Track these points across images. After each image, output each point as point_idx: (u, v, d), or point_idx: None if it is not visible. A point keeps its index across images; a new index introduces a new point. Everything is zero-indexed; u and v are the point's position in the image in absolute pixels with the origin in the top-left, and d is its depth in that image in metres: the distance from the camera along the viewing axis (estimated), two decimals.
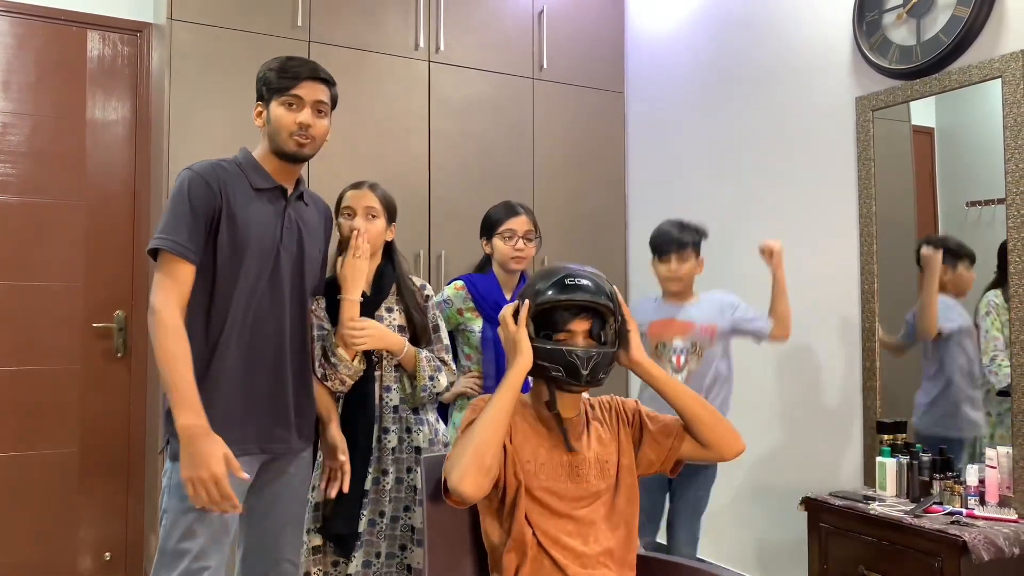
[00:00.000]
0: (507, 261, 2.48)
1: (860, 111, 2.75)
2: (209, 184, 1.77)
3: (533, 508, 1.62)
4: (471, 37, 3.47)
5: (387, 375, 2.17)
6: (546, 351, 1.61)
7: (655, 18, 3.75)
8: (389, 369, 2.17)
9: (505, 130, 3.54)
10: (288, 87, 1.82)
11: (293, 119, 1.82)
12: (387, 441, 2.14)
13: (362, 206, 2.16)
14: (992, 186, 2.35)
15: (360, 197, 2.18)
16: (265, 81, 1.85)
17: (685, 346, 2.56)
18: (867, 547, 2.28)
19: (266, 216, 1.84)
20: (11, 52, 3.07)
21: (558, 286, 1.63)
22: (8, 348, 3.03)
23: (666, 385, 1.71)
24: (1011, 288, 2.29)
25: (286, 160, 1.86)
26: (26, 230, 3.07)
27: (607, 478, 1.68)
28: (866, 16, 2.72)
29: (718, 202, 3.36)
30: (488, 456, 1.55)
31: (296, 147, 1.83)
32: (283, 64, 1.85)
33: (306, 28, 3.11)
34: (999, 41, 2.36)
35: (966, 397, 2.46)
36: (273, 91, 1.83)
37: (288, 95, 1.82)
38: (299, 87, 1.82)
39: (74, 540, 3.11)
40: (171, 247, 1.71)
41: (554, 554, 1.59)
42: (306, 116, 1.82)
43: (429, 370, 2.14)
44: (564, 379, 1.61)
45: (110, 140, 3.23)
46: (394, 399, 2.17)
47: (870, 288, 2.71)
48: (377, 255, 2.21)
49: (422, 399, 2.15)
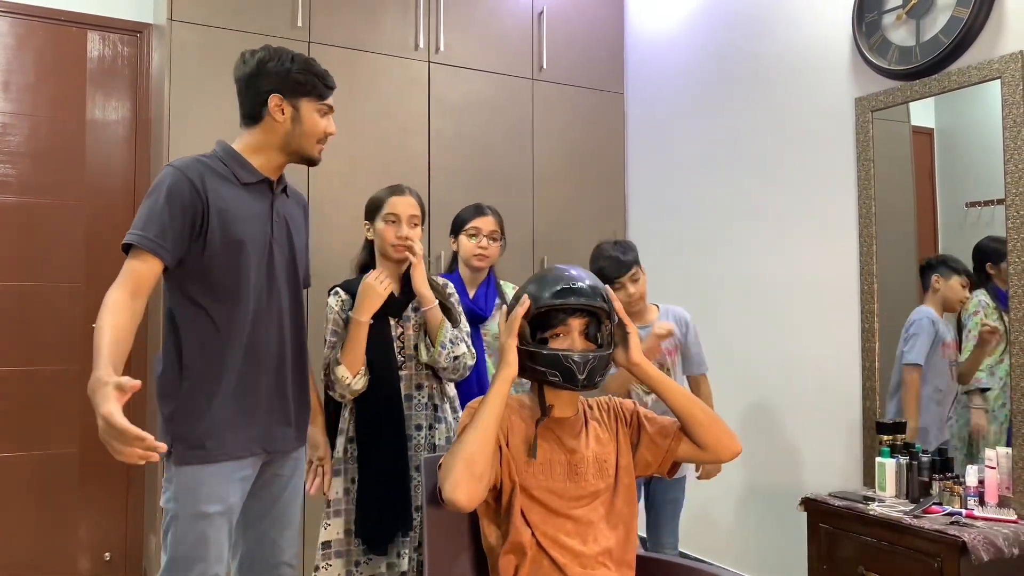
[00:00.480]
0: (470, 258, 2.53)
1: (859, 112, 2.75)
2: (192, 182, 1.71)
3: (532, 508, 1.62)
4: (471, 37, 3.47)
5: (417, 374, 2.22)
6: (543, 356, 1.61)
7: (655, 19, 3.76)
8: (420, 368, 2.21)
9: (505, 130, 3.54)
10: (324, 95, 1.83)
11: (325, 128, 1.84)
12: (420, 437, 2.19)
13: (407, 215, 2.20)
14: (991, 186, 2.35)
15: (406, 205, 2.21)
16: (298, 80, 1.80)
17: None
18: (866, 547, 2.29)
19: (255, 211, 1.80)
20: (11, 52, 3.07)
21: (555, 290, 1.64)
22: (8, 348, 3.03)
23: (664, 387, 1.71)
24: (1011, 288, 2.29)
25: (300, 162, 1.87)
26: (26, 230, 3.07)
27: (606, 478, 1.69)
28: (865, 17, 2.72)
29: (717, 202, 3.36)
30: (479, 465, 1.55)
31: (319, 154, 1.87)
32: (312, 68, 1.83)
33: (306, 28, 3.11)
34: (998, 42, 2.36)
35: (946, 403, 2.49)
36: (308, 92, 1.81)
37: (324, 104, 1.84)
38: (330, 96, 1.85)
39: (74, 540, 3.11)
40: (139, 241, 1.65)
41: (553, 554, 1.59)
42: (334, 127, 1.87)
43: (450, 335, 2.17)
44: (561, 383, 1.61)
45: (110, 140, 3.23)
46: (425, 395, 2.21)
47: (869, 288, 2.71)
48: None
49: (440, 355, 2.15)
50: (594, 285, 1.66)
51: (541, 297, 1.64)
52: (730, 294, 3.25)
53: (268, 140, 1.82)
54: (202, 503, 1.69)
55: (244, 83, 1.82)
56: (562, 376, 1.61)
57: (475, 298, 2.56)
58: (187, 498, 1.68)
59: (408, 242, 2.17)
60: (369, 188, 3.21)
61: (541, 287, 1.66)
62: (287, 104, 1.80)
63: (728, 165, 3.33)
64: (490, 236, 2.55)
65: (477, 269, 2.56)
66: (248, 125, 1.84)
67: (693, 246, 3.47)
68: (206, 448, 1.70)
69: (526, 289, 1.69)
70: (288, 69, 1.79)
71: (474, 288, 2.58)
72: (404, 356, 2.21)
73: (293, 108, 1.81)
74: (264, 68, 1.80)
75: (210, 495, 1.70)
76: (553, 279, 1.66)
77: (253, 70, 1.80)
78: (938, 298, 2.51)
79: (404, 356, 2.21)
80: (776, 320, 3.05)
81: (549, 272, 1.70)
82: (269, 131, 1.82)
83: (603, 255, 2.53)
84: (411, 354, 2.21)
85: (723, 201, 3.34)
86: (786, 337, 3.01)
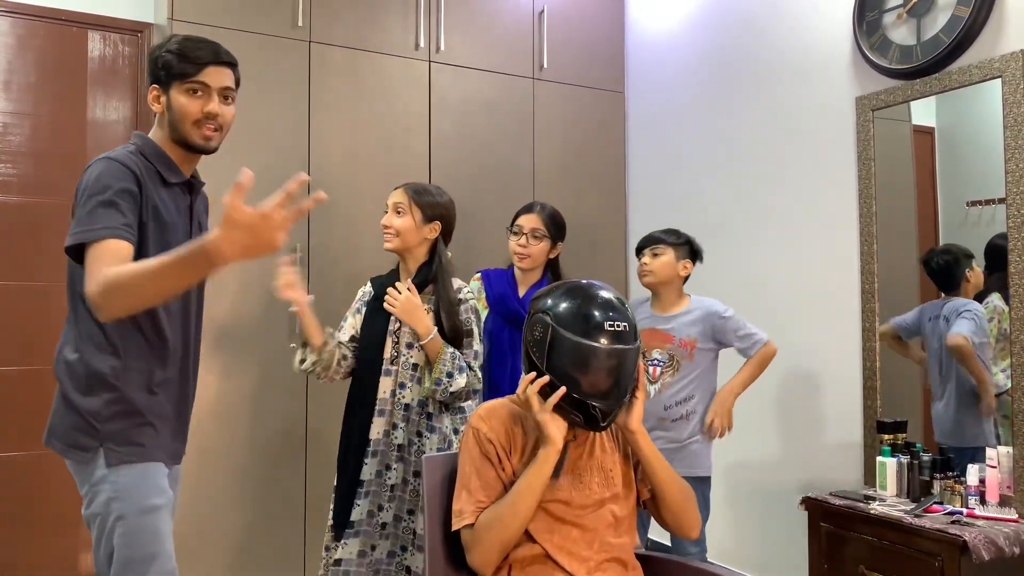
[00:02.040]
0: (512, 257, 2.53)
1: (860, 111, 2.74)
2: (135, 175, 1.61)
3: (538, 517, 1.60)
4: (471, 37, 3.47)
5: (403, 372, 2.22)
6: (569, 398, 1.55)
7: (655, 18, 3.75)
8: (407, 367, 2.21)
9: (505, 130, 3.54)
10: (191, 73, 1.67)
11: (200, 107, 1.68)
12: (393, 437, 2.18)
13: (391, 203, 2.28)
14: (992, 186, 2.35)
15: (393, 195, 2.31)
16: (164, 64, 1.68)
17: (662, 358, 2.58)
18: (867, 547, 2.28)
19: (178, 214, 1.72)
20: (12, 52, 3.07)
21: (597, 328, 1.53)
22: (9, 348, 3.03)
23: (651, 460, 1.66)
24: (1011, 288, 2.28)
25: (190, 151, 1.73)
26: (27, 230, 3.07)
27: (611, 487, 1.67)
28: (866, 16, 2.72)
29: (718, 202, 3.36)
30: (513, 542, 1.57)
31: (203, 140, 1.71)
32: (183, 47, 1.69)
33: (306, 28, 3.11)
34: (999, 41, 2.36)
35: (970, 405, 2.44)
36: (175, 76, 1.67)
37: (192, 81, 1.68)
38: (203, 73, 1.68)
39: (74, 541, 3.11)
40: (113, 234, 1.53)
41: (561, 561, 1.58)
42: (214, 105, 1.69)
43: (449, 366, 2.16)
44: (582, 425, 1.58)
45: (111, 140, 3.23)
46: (407, 397, 2.20)
47: (870, 288, 2.71)
48: (418, 253, 2.30)
49: (433, 392, 2.16)
50: (633, 325, 1.57)
51: (572, 327, 1.54)
52: (731, 293, 3.24)
53: (164, 134, 1.72)
54: (150, 496, 1.62)
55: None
56: (584, 420, 1.57)
57: (524, 298, 2.55)
58: (135, 494, 1.60)
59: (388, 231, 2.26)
60: (370, 187, 3.23)
61: (574, 318, 1.55)
62: (160, 93, 1.70)
63: (729, 164, 3.33)
64: (532, 234, 2.52)
65: (521, 268, 2.55)
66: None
67: None
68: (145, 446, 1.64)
69: (552, 310, 1.58)
70: (161, 58, 1.69)
71: (525, 287, 2.57)
72: (397, 351, 2.22)
73: (166, 95, 1.69)
74: (150, 60, 1.73)
75: (154, 488, 1.64)
76: (592, 312, 1.55)
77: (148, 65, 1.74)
78: (970, 289, 2.46)
79: (397, 351, 2.22)
80: (777, 319, 3.04)
81: (582, 296, 1.59)
82: (159, 124, 1.73)
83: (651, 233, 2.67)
84: (403, 351, 2.23)
85: (723, 200, 3.33)
86: (787, 336, 3.01)
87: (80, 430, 1.62)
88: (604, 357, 1.53)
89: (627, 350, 1.55)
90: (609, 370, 1.54)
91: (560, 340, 1.55)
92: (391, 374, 2.21)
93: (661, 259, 2.61)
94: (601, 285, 1.64)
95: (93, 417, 1.61)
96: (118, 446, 1.61)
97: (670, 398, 2.56)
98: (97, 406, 1.61)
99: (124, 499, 1.61)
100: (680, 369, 2.56)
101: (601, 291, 1.61)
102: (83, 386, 1.62)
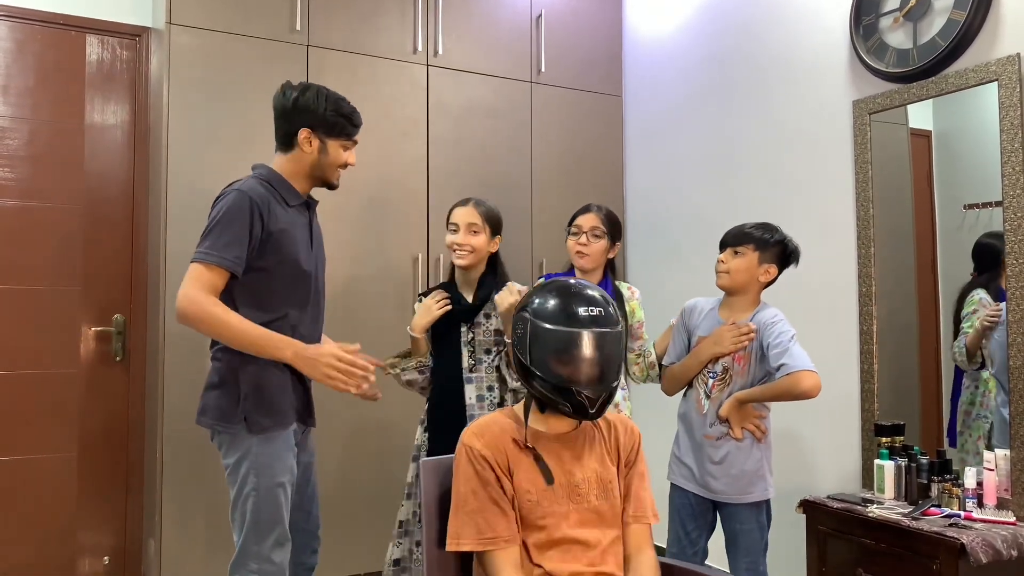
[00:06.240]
0: (572, 257, 2.53)
1: (857, 114, 2.75)
2: (259, 206, 1.95)
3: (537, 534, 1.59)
4: (469, 41, 3.48)
5: (488, 376, 2.36)
6: (556, 388, 1.56)
7: (653, 22, 3.76)
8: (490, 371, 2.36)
9: (503, 134, 3.54)
10: (352, 134, 2.12)
11: (346, 160, 2.13)
12: None
13: (465, 222, 2.35)
14: (989, 189, 2.36)
15: (464, 214, 2.38)
16: (331, 121, 2.06)
17: (717, 370, 2.35)
18: (865, 550, 2.28)
19: (301, 230, 2.07)
20: (10, 56, 3.07)
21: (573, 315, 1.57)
22: (6, 352, 3.03)
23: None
24: (1008, 291, 2.29)
25: (321, 186, 2.14)
26: (25, 234, 3.07)
27: (611, 498, 1.65)
28: (863, 20, 2.73)
29: (715, 206, 3.36)
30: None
31: (337, 180, 2.16)
32: (347, 110, 2.09)
33: (304, 32, 3.11)
34: (995, 45, 2.37)
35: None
36: (338, 132, 2.08)
37: (350, 140, 2.13)
38: (356, 133, 2.14)
39: (73, 544, 3.11)
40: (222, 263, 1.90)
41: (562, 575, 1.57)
42: (354, 157, 2.16)
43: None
44: (571, 414, 1.58)
45: (109, 144, 3.23)
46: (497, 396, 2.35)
47: (868, 291, 2.71)
48: (480, 265, 2.41)
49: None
50: (613, 311, 1.60)
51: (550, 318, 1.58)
52: None
53: (298, 167, 2.08)
54: (278, 475, 1.95)
55: (279, 114, 2.08)
56: (573, 408, 1.57)
57: None
58: (266, 472, 1.93)
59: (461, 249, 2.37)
60: (368, 192, 3.23)
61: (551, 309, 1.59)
62: (315, 138, 2.06)
63: (726, 168, 3.33)
64: (592, 232, 2.51)
65: (581, 268, 2.54)
66: (282, 151, 2.09)
67: (691, 249, 3.47)
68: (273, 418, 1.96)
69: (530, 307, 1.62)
70: (321, 109, 2.05)
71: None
72: (475, 360, 2.33)
73: (320, 142, 2.07)
74: (298, 105, 2.05)
75: (284, 467, 1.97)
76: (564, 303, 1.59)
77: (289, 106, 2.05)
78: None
79: (475, 360, 2.33)
80: None
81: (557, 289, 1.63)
82: (298, 159, 2.08)
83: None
84: (481, 358, 2.33)
85: (721, 204, 3.34)
86: None
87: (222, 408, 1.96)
88: (583, 342, 1.55)
89: (606, 333, 1.56)
90: (590, 354, 1.55)
91: (539, 332, 1.57)
92: (475, 382, 2.33)
93: (740, 259, 2.32)
94: (580, 282, 1.68)
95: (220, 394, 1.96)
96: (259, 416, 1.94)
97: (715, 415, 2.33)
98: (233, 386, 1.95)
99: (258, 472, 1.93)
100: (731, 383, 2.32)
101: (577, 284, 1.65)
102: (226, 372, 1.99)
